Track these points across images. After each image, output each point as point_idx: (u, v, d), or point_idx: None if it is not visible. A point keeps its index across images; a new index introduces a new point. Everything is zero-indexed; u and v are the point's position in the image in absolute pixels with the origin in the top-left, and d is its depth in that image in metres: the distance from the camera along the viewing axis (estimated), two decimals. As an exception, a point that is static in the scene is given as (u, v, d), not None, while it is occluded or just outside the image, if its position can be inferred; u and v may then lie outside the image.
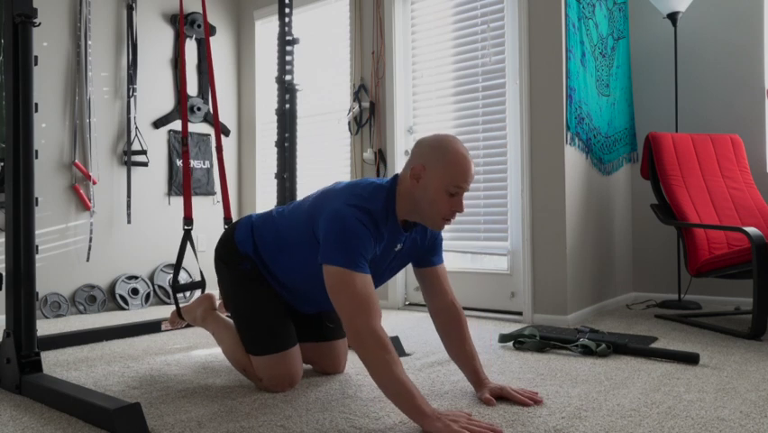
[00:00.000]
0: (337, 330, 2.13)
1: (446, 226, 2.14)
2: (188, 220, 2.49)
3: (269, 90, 4.59)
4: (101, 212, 3.89)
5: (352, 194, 1.69)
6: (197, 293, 4.25)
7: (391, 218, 1.71)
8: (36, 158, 1.98)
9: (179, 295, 4.17)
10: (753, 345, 2.48)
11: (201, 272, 2.62)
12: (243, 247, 1.95)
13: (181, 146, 2.55)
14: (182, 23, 2.73)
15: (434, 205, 1.65)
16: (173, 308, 3.95)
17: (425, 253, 1.88)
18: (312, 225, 1.75)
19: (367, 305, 1.56)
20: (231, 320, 2.13)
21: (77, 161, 3.76)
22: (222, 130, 4.61)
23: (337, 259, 1.59)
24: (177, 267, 2.38)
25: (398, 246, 1.77)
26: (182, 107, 2.55)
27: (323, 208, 1.71)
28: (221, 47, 4.65)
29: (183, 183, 2.49)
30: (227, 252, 1.98)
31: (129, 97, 4.01)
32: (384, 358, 1.51)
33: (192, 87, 4.41)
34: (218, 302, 2.37)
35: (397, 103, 3.76)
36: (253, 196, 4.67)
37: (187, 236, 2.46)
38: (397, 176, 1.75)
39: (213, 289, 4.31)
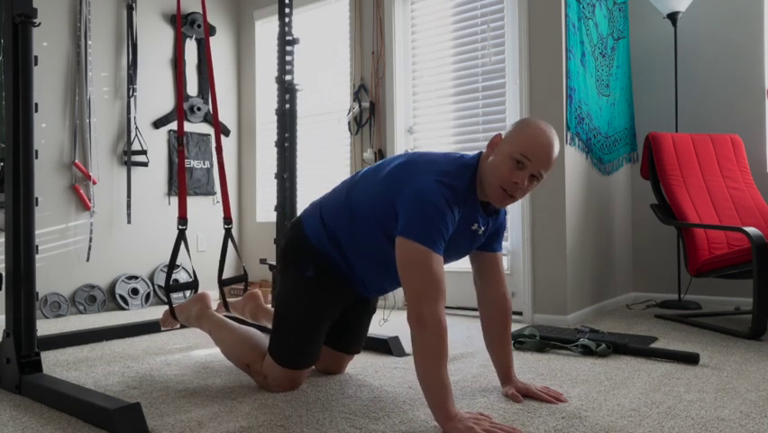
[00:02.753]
0: (358, 345, 2.11)
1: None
2: (183, 220, 2.48)
3: (269, 90, 4.59)
4: (101, 212, 3.89)
5: (439, 170, 1.62)
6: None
7: (471, 197, 1.65)
8: (36, 158, 1.98)
9: (177, 295, 4.17)
10: (753, 345, 2.48)
11: (194, 273, 2.62)
12: (317, 238, 1.85)
13: (177, 145, 2.58)
14: (179, 20, 2.73)
15: (496, 170, 1.59)
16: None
17: (489, 238, 1.82)
18: (391, 195, 1.65)
19: (437, 289, 1.52)
20: (228, 319, 2.12)
21: (77, 161, 3.76)
22: (222, 130, 4.61)
23: (418, 235, 1.53)
24: (170, 267, 2.36)
25: (476, 226, 1.70)
26: (178, 106, 2.54)
27: (407, 180, 1.63)
28: (221, 47, 4.65)
29: (178, 183, 2.50)
30: (298, 250, 1.89)
31: (129, 97, 4.01)
32: (438, 349, 1.49)
33: (192, 87, 4.41)
34: (215, 302, 2.35)
35: (397, 103, 3.76)
36: (253, 196, 4.67)
37: (182, 236, 2.45)
38: (480, 153, 1.70)
39: (208, 288, 4.31)
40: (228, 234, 2.66)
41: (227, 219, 2.71)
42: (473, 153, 1.71)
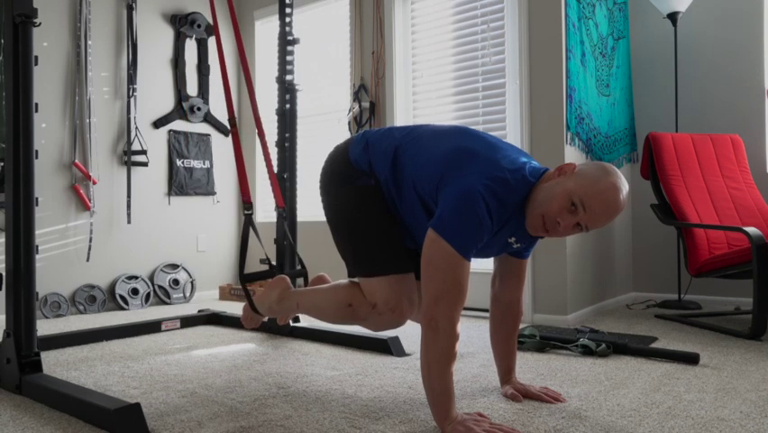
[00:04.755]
0: None
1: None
2: (248, 205, 2.19)
3: (269, 90, 4.59)
4: (101, 212, 3.89)
5: (497, 177, 1.50)
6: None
7: (519, 215, 1.57)
8: (36, 158, 1.98)
9: (178, 295, 4.16)
10: (753, 345, 2.48)
11: (268, 259, 2.33)
12: (359, 164, 1.74)
13: (230, 127, 2.35)
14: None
15: (547, 199, 1.50)
16: (173, 308, 3.95)
17: (523, 247, 1.76)
18: (439, 180, 1.55)
19: (458, 293, 1.47)
20: (311, 286, 1.98)
21: (77, 161, 3.76)
22: (222, 130, 4.61)
23: (452, 237, 1.46)
24: (242, 256, 2.11)
25: (513, 239, 1.64)
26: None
27: (461, 171, 1.52)
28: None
29: (237, 167, 2.22)
30: (344, 167, 1.76)
31: (129, 97, 4.01)
32: (446, 353, 1.47)
33: (192, 87, 4.41)
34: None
35: (397, 103, 3.76)
36: (253, 196, 4.67)
37: (249, 221, 2.16)
38: (546, 171, 1.60)
39: (215, 285, 4.31)
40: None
41: (281, 207, 2.44)
42: (540, 166, 1.62)
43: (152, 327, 2.93)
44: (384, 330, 1.73)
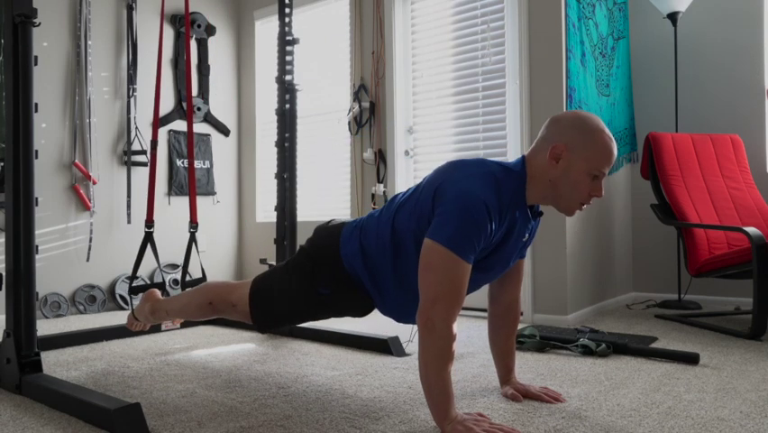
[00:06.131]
0: None
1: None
2: (150, 223, 2.63)
3: (269, 90, 4.59)
4: (101, 212, 3.89)
5: (485, 174, 1.54)
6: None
7: (521, 206, 1.58)
8: (36, 158, 1.98)
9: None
10: (753, 345, 2.48)
11: (163, 276, 2.82)
12: (349, 260, 1.72)
13: (150, 150, 2.79)
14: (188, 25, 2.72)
15: (575, 188, 1.57)
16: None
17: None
18: (433, 196, 1.55)
19: (455, 295, 1.47)
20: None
21: (77, 161, 3.76)
22: (222, 130, 4.62)
23: (448, 239, 1.45)
24: (134, 270, 2.51)
25: (526, 237, 1.65)
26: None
27: (453, 182, 1.54)
28: (221, 47, 4.65)
29: (149, 185, 2.73)
30: (326, 266, 1.76)
31: (129, 97, 4.01)
32: (443, 353, 1.47)
33: (192, 87, 4.40)
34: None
35: (397, 103, 3.76)
36: (253, 196, 4.67)
37: (148, 238, 2.59)
38: (524, 158, 1.62)
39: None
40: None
41: (194, 223, 2.81)
42: (512, 161, 1.63)
43: (152, 326, 2.93)
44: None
